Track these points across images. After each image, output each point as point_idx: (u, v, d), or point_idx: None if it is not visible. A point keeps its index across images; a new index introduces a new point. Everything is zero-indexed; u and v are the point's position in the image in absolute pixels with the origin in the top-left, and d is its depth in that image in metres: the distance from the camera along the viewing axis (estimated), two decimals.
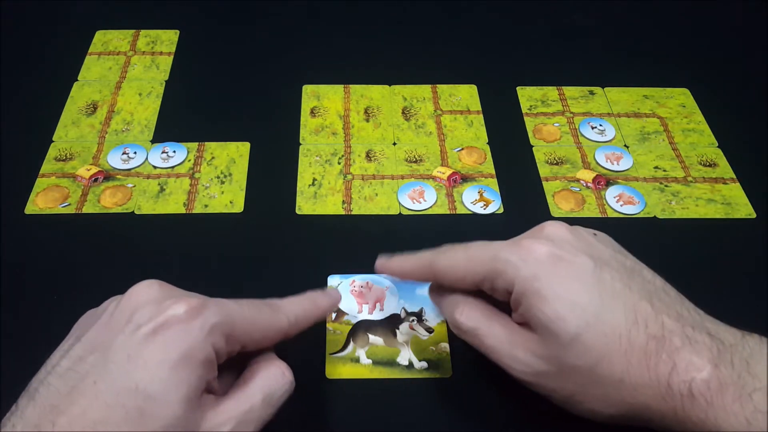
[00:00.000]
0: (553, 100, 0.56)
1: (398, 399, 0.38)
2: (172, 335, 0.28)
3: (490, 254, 0.33)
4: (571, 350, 0.30)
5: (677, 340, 0.30)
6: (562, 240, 0.33)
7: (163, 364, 0.28)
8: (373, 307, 0.42)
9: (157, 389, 0.27)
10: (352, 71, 0.58)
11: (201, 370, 0.28)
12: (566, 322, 0.30)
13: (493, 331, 0.33)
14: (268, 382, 0.31)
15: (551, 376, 0.32)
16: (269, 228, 0.46)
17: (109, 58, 0.58)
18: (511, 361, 0.33)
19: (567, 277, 0.31)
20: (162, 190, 0.48)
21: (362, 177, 0.49)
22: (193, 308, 0.29)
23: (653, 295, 0.31)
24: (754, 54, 0.61)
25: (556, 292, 0.31)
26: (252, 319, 0.31)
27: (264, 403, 0.30)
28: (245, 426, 0.30)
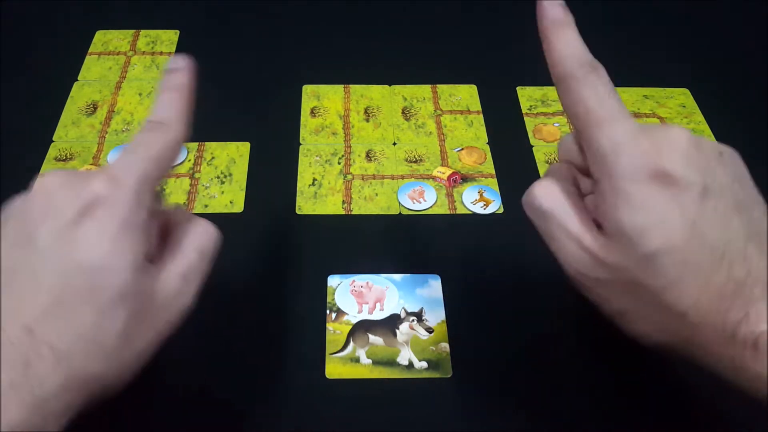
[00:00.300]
0: (553, 100, 0.56)
1: (398, 399, 0.38)
2: (102, 213, 0.28)
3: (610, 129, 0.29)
4: (644, 268, 0.28)
5: (758, 290, 0.27)
6: (680, 151, 0.29)
7: (102, 237, 0.28)
8: (373, 307, 0.42)
9: (103, 261, 0.27)
10: (352, 71, 0.58)
11: (141, 234, 0.29)
12: (649, 237, 0.27)
13: (567, 223, 0.30)
14: (199, 238, 0.32)
15: (612, 286, 0.30)
16: (269, 228, 0.46)
17: (109, 58, 0.58)
18: (573, 261, 0.30)
19: (667, 195, 0.28)
20: (162, 190, 0.48)
21: (362, 177, 0.49)
22: (110, 180, 0.29)
23: (752, 237, 0.28)
24: (754, 54, 0.61)
25: (650, 204, 0.28)
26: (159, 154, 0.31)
27: (200, 258, 0.31)
28: (189, 282, 0.31)
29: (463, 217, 0.47)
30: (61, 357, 0.26)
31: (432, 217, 0.47)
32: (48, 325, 0.27)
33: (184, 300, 0.31)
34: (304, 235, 0.46)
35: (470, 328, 0.41)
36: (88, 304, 0.27)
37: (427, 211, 0.47)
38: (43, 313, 0.27)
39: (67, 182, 0.29)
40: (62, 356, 0.26)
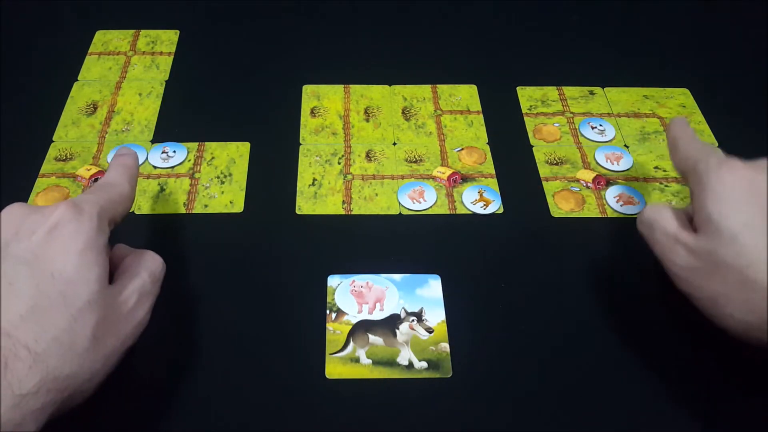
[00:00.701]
0: (553, 100, 0.56)
1: (398, 399, 0.38)
2: (69, 231, 0.32)
3: (707, 149, 0.38)
4: (728, 248, 0.33)
5: None
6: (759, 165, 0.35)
7: (71, 252, 0.31)
8: (373, 307, 0.42)
9: (73, 272, 0.31)
10: (352, 71, 0.58)
11: (102, 255, 0.33)
12: (732, 219, 0.33)
13: (666, 227, 0.37)
14: (147, 263, 0.36)
15: (703, 272, 0.34)
16: (269, 228, 0.46)
17: (109, 58, 0.58)
18: (671, 254, 0.36)
19: (749, 189, 0.34)
20: (162, 190, 0.48)
21: (362, 177, 0.49)
22: (74, 206, 0.33)
23: None
24: (754, 54, 0.61)
25: (732, 195, 0.34)
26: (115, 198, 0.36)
27: (152, 280, 0.36)
28: (144, 299, 0.35)
29: (463, 217, 0.47)
30: (37, 358, 0.29)
31: (432, 217, 0.47)
32: (25, 329, 0.29)
33: (140, 314, 0.35)
34: (304, 235, 0.46)
35: (470, 328, 0.41)
36: (61, 311, 0.30)
37: (427, 211, 0.47)
38: (20, 319, 0.29)
39: (34, 210, 0.33)
40: (39, 357, 0.29)
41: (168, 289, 0.42)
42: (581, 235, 0.46)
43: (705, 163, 0.36)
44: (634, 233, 0.39)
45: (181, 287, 0.42)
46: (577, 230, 0.47)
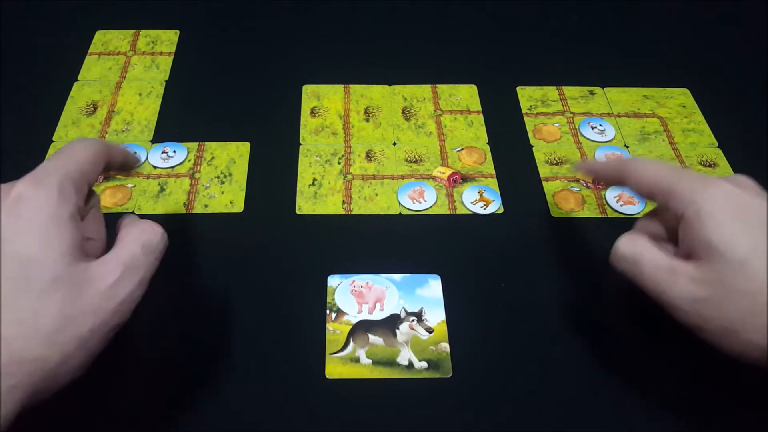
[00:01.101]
0: (553, 100, 0.56)
1: (398, 399, 0.38)
2: (29, 207, 0.30)
3: (679, 173, 0.35)
4: (737, 274, 0.31)
5: None
6: (747, 185, 0.34)
7: (32, 228, 0.30)
8: (373, 307, 0.42)
9: (34, 250, 0.29)
10: (352, 71, 0.58)
11: (70, 226, 0.31)
12: (736, 244, 0.31)
13: (656, 259, 0.34)
14: (143, 234, 0.33)
15: (711, 302, 0.32)
16: (269, 228, 0.46)
17: (109, 58, 0.58)
18: (670, 286, 0.33)
19: (743, 210, 0.33)
20: (162, 190, 0.48)
21: (362, 177, 0.49)
22: (34, 179, 0.31)
23: None
24: (754, 54, 0.61)
25: (730, 218, 0.32)
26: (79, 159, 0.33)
27: (144, 251, 0.33)
28: (132, 271, 0.32)
29: (463, 217, 0.47)
30: (1, 341, 0.28)
31: (432, 217, 0.47)
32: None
33: (126, 289, 0.31)
34: (304, 235, 0.46)
35: (470, 328, 0.41)
36: (24, 292, 0.29)
37: (427, 211, 0.47)
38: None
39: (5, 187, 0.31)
40: (2, 341, 0.28)
41: (168, 289, 0.42)
42: (581, 235, 0.46)
43: (686, 185, 0.34)
44: None
45: (180, 287, 0.42)
46: (577, 230, 0.47)
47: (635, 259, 0.35)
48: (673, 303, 0.33)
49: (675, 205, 0.34)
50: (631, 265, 0.35)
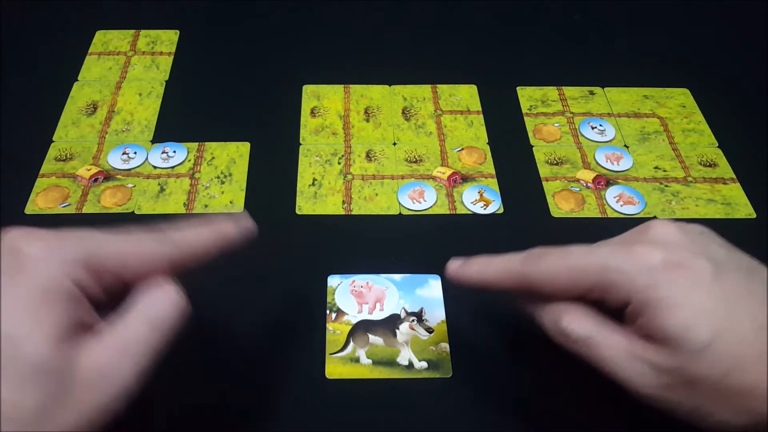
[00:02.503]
0: (553, 100, 0.56)
1: (398, 399, 0.38)
2: (28, 275, 0.26)
3: (597, 264, 0.31)
4: (701, 360, 0.28)
5: None
6: (675, 243, 0.31)
7: (19, 304, 0.26)
8: (373, 307, 0.42)
9: (18, 330, 0.25)
10: (352, 71, 0.58)
11: (64, 306, 0.26)
12: (696, 331, 0.28)
13: (610, 341, 0.31)
14: (153, 305, 0.29)
15: (677, 388, 0.29)
16: (269, 228, 0.46)
17: (109, 58, 0.58)
18: (633, 373, 0.30)
19: (689, 283, 0.29)
20: (162, 190, 0.48)
21: (362, 177, 0.49)
22: (49, 245, 0.27)
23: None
24: (754, 54, 0.61)
25: (681, 300, 0.29)
26: (125, 250, 0.29)
27: (150, 330, 0.28)
28: (129, 357, 0.27)
29: (463, 217, 0.47)
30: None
31: (432, 217, 0.47)
32: None
33: (118, 379, 0.27)
34: (304, 235, 0.46)
35: (470, 328, 0.41)
36: (2, 376, 0.25)
37: (427, 211, 0.47)
38: None
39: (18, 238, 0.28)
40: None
41: None
42: (581, 235, 0.46)
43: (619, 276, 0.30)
44: None
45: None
46: (577, 230, 0.47)
47: (587, 341, 0.31)
48: (639, 391, 0.30)
49: (613, 297, 0.30)
50: (584, 347, 0.31)
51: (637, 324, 0.30)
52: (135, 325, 0.28)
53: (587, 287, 0.31)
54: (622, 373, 0.30)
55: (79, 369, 0.26)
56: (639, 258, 0.30)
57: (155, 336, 0.28)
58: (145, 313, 0.29)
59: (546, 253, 0.32)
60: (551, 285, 0.32)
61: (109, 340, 0.27)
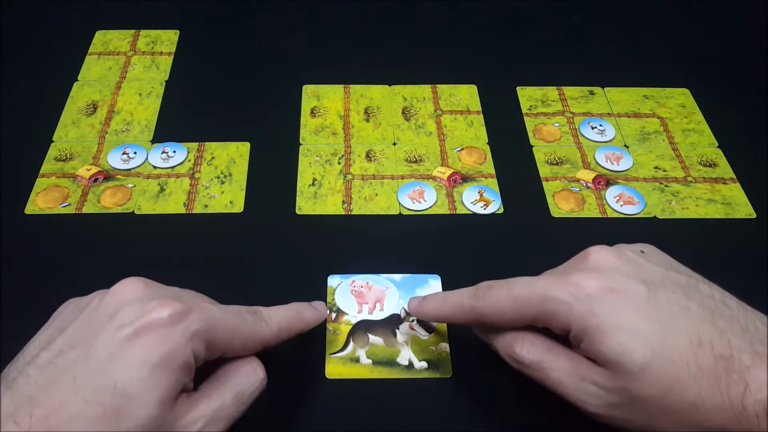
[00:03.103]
0: (553, 100, 0.56)
1: (398, 399, 0.38)
2: (154, 338, 0.29)
3: (537, 295, 0.32)
4: (640, 381, 0.29)
5: (747, 358, 0.29)
6: (610, 268, 0.32)
7: (143, 365, 0.28)
8: (373, 307, 0.42)
9: (135, 389, 0.28)
10: (352, 71, 0.58)
11: (179, 374, 0.29)
12: (632, 353, 0.29)
13: (558, 365, 0.32)
14: (240, 380, 0.32)
15: (624, 407, 0.30)
16: (269, 228, 0.46)
17: (109, 58, 0.58)
18: (582, 395, 0.32)
19: (623, 307, 0.31)
20: (162, 190, 0.48)
21: (362, 177, 0.49)
22: (177, 313, 0.30)
23: (714, 311, 0.31)
24: (754, 54, 0.61)
25: (616, 324, 0.30)
26: (234, 328, 0.32)
27: (234, 401, 0.32)
28: (215, 424, 0.31)
29: (463, 217, 0.47)
30: None
31: (432, 217, 0.47)
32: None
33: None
34: (304, 235, 0.46)
35: (470, 329, 0.41)
36: (110, 427, 0.27)
37: (427, 211, 0.47)
38: (68, 423, 0.27)
39: (144, 296, 0.31)
40: None
41: None
42: (581, 235, 0.46)
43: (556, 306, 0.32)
44: (634, 233, 0.40)
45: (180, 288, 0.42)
46: (577, 230, 0.47)
47: (538, 366, 0.33)
48: (588, 410, 0.32)
49: (555, 325, 0.32)
50: (535, 371, 0.33)
51: (581, 348, 0.32)
52: (224, 397, 0.31)
53: (532, 317, 0.33)
54: (572, 394, 0.32)
55: (174, 429, 0.29)
56: (574, 287, 0.31)
57: (239, 409, 0.32)
58: (234, 388, 0.32)
59: (492, 287, 0.34)
60: (499, 317, 0.34)
61: (204, 409, 0.30)
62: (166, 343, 0.29)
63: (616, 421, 0.31)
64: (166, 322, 0.29)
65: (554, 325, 0.32)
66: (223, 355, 0.32)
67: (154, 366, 0.28)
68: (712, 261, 0.45)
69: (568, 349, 0.33)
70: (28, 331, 0.41)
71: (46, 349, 0.30)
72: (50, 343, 0.30)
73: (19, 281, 0.42)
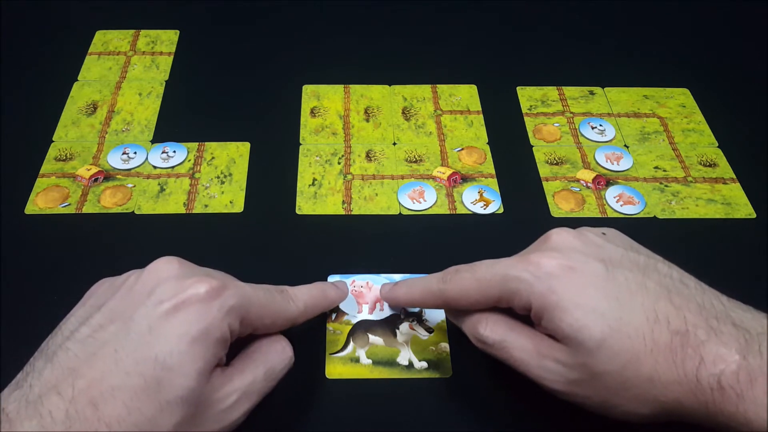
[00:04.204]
0: (553, 100, 0.56)
1: (398, 399, 0.38)
2: (193, 313, 0.30)
3: (499, 275, 0.33)
4: (598, 356, 0.30)
5: (702, 333, 0.29)
6: (570, 248, 0.33)
7: (183, 338, 0.29)
8: (373, 307, 0.42)
9: (176, 361, 0.29)
10: (352, 71, 0.58)
11: (216, 347, 0.30)
12: (589, 329, 0.30)
13: (520, 343, 0.33)
14: (270, 357, 0.34)
15: (583, 383, 0.31)
16: (269, 228, 0.46)
17: (109, 58, 0.58)
18: (542, 371, 0.32)
19: (581, 285, 0.31)
20: (162, 190, 0.48)
21: (362, 177, 0.49)
22: (214, 289, 0.31)
23: (671, 289, 0.31)
24: (754, 54, 0.61)
25: (574, 301, 0.31)
26: (265, 305, 0.34)
27: (266, 377, 0.33)
28: (248, 397, 0.32)
29: (463, 217, 0.47)
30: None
31: (432, 217, 0.47)
32: (111, 406, 0.28)
33: (235, 414, 0.32)
34: (304, 235, 0.46)
35: None
36: (151, 398, 0.28)
37: (427, 211, 0.47)
38: (111, 393, 0.28)
39: (180, 273, 0.32)
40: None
41: None
42: None
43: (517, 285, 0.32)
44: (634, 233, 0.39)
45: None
46: None
47: (501, 345, 0.34)
48: (549, 387, 0.32)
49: (517, 304, 0.33)
50: (498, 350, 0.34)
51: (541, 326, 0.33)
52: (256, 373, 0.33)
53: (495, 297, 0.34)
54: (533, 371, 0.33)
55: (210, 402, 0.30)
56: (535, 266, 0.32)
57: (269, 384, 0.33)
58: (266, 364, 0.33)
59: (458, 271, 0.35)
60: (465, 299, 0.35)
61: (237, 380, 0.32)
62: (205, 317, 0.30)
63: (576, 398, 0.32)
64: (203, 298, 0.30)
65: (516, 303, 0.33)
66: (254, 332, 0.34)
67: (193, 339, 0.29)
68: (712, 261, 0.45)
69: (530, 327, 0.34)
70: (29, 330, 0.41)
71: (85, 324, 0.30)
72: (88, 319, 0.31)
73: (19, 281, 0.42)
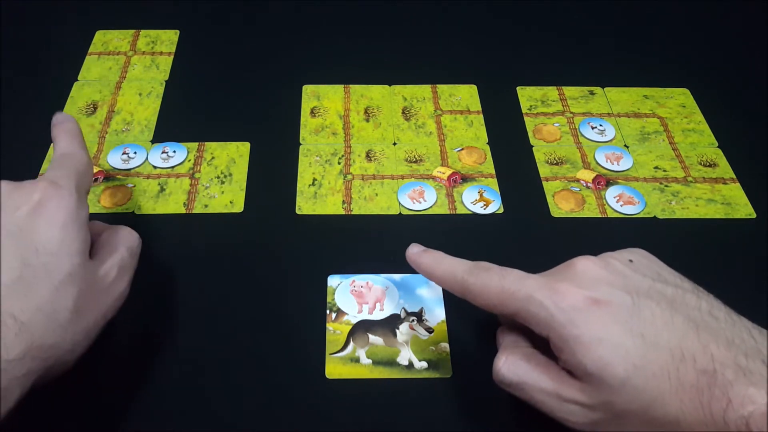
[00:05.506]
0: (553, 100, 0.56)
1: (398, 399, 0.38)
2: (52, 207, 0.34)
3: (524, 293, 0.32)
4: (621, 395, 0.29)
5: (729, 372, 0.28)
6: (595, 279, 0.32)
7: (54, 227, 0.33)
8: (373, 307, 0.42)
9: (55, 246, 0.33)
10: (352, 71, 0.58)
11: (83, 229, 0.34)
12: (613, 367, 0.29)
13: (540, 385, 0.32)
14: (126, 238, 0.38)
15: (607, 422, 0.31)
16: (269, 228, 0.46)
17: (109, 58, 0.58)
18: (566, 415, 0.32)
19: (606, 319, 0.30)
20: (162, 190, 0.48)
21: (362, 177, 0.49)
22: (54, 183, 0.34)
23: (699, 324, 0.30)
24: (754, 54, 0.61)
25: (597, 336, 0.30)
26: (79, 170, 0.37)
27: (130, 254, 0.37)
28: (125, 270, 0.36)
29: (463, 217, 0.47)
30: (22, 327, 0.30)
31: (432, 217, 0.47)
32: (11, 299, 0.31)
33: (120, 287, 0.36)
34: (304, 235, 0.46)
35: (470, 328, 0.41)
36: (44, 282, 0.32)
37: (427, 211, 0.47)
38: (7, 289, 0.31)
39: (17, 187, 0.34)
40: (24, 326, 0.30)
41: (168, 289, 0.42)
42: (581, 235, 0.46)
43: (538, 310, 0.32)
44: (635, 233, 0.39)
45: (181, 287, 0.42)
46: (577, 230, 0.47)
47: (520, 387, 0.33)
48: (573, 427, 0.32)
49: (535, 328, 0.32)
50: (518, 391, 0.33)
51: (562, 359, 0.32)
52: (122, 251, 0.37)
53: (512, 311, 0.33)
54: (556, 414, 0.32)
55: (96, 278, 0.34)
56: (559, 296, 0.31)
57: (134, 260, 0.38)
58: (125, 244, 0.37)
59: (489, 269, 0.34)
60: (483, 299, 0.34)
61: (111, 261, 0.36)
62: (64, 206, 0.34)
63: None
64: (52, 193, 0.34)
65: (533, 327, 0.33)
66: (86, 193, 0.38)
67: (63, 224, 0.33)
68: (712, 261, 0.45)
69: (551, 363, 0.33)
70: None
71: None
72: None
73: None
